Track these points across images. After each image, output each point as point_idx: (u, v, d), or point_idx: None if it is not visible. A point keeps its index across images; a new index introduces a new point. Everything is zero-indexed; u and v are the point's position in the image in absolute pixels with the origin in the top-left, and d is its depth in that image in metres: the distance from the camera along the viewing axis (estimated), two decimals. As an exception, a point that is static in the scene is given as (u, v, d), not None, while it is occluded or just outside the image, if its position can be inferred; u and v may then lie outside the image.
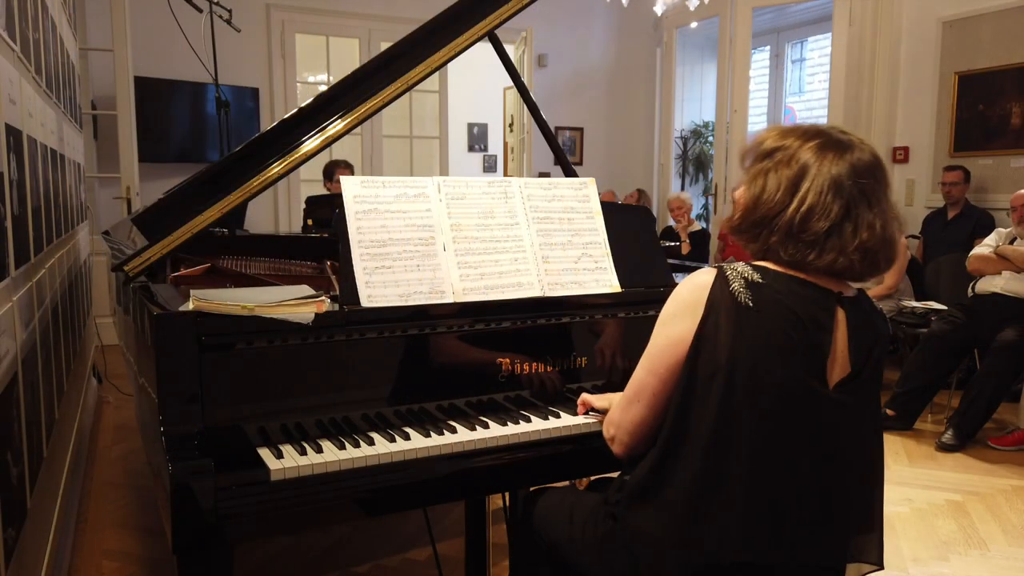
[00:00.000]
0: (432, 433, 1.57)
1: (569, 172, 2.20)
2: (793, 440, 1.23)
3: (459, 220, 1.74)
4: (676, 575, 1.25)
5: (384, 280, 1.62)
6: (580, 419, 1.68)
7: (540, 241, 1.80)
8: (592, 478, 1.78)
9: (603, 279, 1.83)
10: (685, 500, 1.25)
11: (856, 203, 1.24)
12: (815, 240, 1.23)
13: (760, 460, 1.22)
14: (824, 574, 1.31)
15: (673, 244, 5.71)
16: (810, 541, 1.25)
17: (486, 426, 1.63)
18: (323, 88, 2.67)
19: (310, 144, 1.82)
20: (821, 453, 1.25)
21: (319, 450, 1.46)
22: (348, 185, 1.67)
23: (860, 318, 1.28)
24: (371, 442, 1.51)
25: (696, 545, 1.24)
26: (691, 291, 1.28)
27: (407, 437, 1.55)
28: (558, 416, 1.69)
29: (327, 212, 4.00)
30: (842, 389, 1.25)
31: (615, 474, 1.49)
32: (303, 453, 1.45)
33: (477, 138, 9.79)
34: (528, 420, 1.67)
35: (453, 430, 1.59)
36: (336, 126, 1.85)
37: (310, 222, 4.21)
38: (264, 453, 1.44)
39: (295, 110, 1.86)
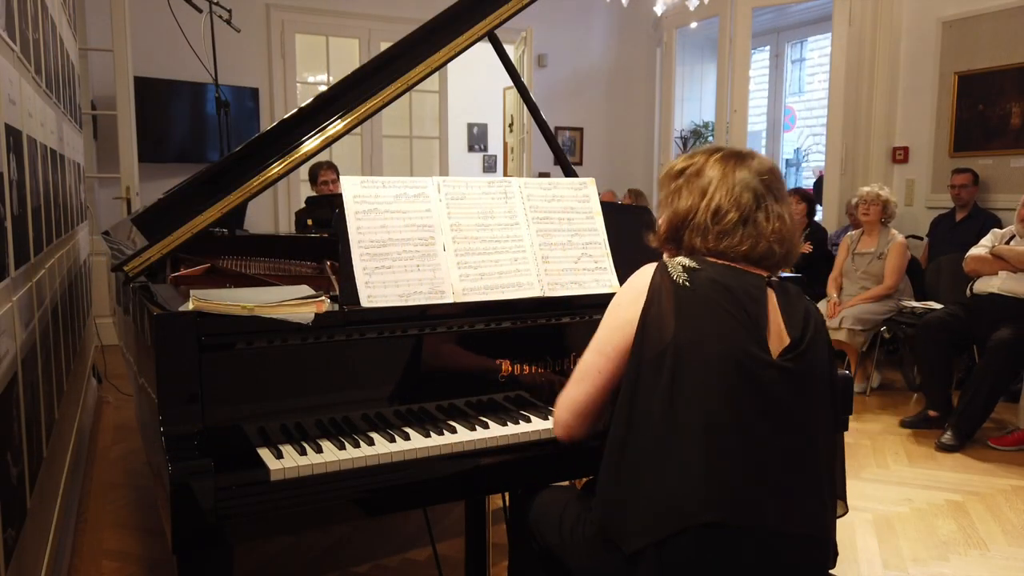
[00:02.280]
0: (432, 433, 1.57)
1: (569, 172, 2.20)
2: (746, 406, 1.28)
3: (459, 220, 1.74)
4: (653, 539, 1.27)
5: (384, 280, 1.62)
6: (580, 419, 1.67)
7: (540, 241, 1.81)
8: (591, 478, 1.78)
9: (603, 279, 1.83)
10: (647, 471, 1.29)
11: (764, 196, 1.40)
12: (728, 230, 1.38)
13: (716, 427, 1.27)
14: (806, 546, 1.33)
15: None
16: (778, 504, 1.29)
17: (486, 426, 1.63)
18: (323, 88, 2.67)
19: (310, 144, 1.82)
20: (776, 419, 1.30)
21: (319, 450, 1.47)
22: (348, 185, 1.67)
23: (788, 298, 1.40)
24: (371, 442, 1.51)
25: (663, 509, 1.27)
26: (637, 279, 1.41)
27: (407, 437, 1.55)
28: (558, 416, 1.69)
29: (327, 212, 4.00)
30: (785, 358, 1.33)
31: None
32: (303, 453, 1.45)
33: (477, 138, 9.79)
34: (528, 420, 1.67)
35: (453, 430, 1.59)
36: (336, 126, 1.85)
37: (310, 222, 4.21)
38: (264, 453, 1.44)
39: (295, 110, 1.86)
